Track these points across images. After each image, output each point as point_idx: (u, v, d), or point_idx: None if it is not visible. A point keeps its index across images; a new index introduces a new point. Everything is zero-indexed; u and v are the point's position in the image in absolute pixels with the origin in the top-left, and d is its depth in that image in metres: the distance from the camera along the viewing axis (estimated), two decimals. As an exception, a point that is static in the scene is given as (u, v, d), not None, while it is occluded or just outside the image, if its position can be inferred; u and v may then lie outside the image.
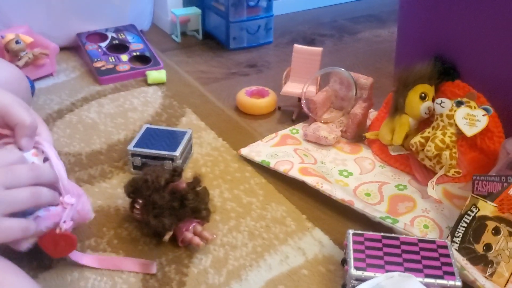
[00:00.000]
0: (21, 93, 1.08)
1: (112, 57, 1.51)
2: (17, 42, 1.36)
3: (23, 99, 1.08)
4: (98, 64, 1.47)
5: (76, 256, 0.83)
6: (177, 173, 0.89)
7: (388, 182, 1.05)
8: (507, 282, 0.80)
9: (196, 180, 0.90)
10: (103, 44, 1.56)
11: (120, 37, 1.60)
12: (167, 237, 0.85)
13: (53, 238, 0.73)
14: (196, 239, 0.85)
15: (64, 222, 0.72)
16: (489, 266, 0.81)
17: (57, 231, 0.73)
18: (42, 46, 1.42)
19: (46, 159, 0.73)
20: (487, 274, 0.81)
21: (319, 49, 1.26)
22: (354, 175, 1.07)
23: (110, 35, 1.60)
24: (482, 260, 0.82)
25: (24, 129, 0.70)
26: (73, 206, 0.73)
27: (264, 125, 1.27)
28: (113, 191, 1.02)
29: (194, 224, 0.88)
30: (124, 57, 1.52)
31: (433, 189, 0.98)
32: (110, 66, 1.47)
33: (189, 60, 1.63)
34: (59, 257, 0.81)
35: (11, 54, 1.37)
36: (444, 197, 1.00)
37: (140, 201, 0.88)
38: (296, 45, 1.28)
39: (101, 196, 1.00)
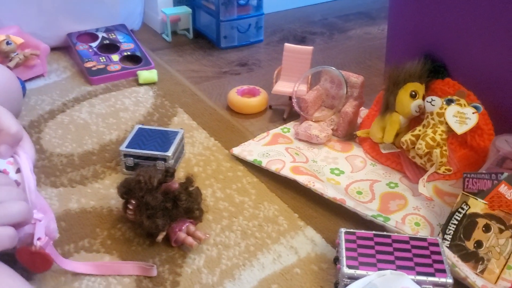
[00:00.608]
0: (13, 94, 1.08)
1: (103, 57, 1.51)
2: (7, 43, 1.35)
3: (14, 100, 1.09)
4: (89, 64, 1.47)
5: (72, 265, 0.82)
6: (169, 173, 0.89)
7: (379, 180, 1.05)
8: (498, 278, 0.81)
9: (189, 180, 0.90)
10: (94, 44, 1.56)
11: (111, 37, 1.60)
12: (160, 237, 0.85)
13: (29, 255, 0.73)
14: (189, 239, 0.86)
15: (39, 239, 0.72)
16: (480, 263, 0.82)
17: (33, 249, 0.72)
18: (32, 47, 1.41)
19: (19, 170, 0.73)
20: (478, 271, 0.82)
21: (310, 48, 1.27)
22: (346, 173, 1.07)
23: (100, 35, 1.60)
24: (473, 257, 0.83)
25: (8, 136, 0.70)
26: (42, 222, 0.72)
27: (255, 124, 1.27)
28: (106, 191, 1.02)
29: (187, 224, 0.88)
30: (115, 57, 1.52)
31: (424, 186, 0.99)
32: (101, 66, 1.47)
33: (180, 59, 1.63)
34: (39, 272, 0.81)
35: (2, 55, 1.37)
36: (435, 194, 1.01)
37: (133, 202, 0.88)
38: (286, 44, 1.29)
39: (94, 196, 1.00)
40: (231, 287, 0.81)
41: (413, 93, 1.05)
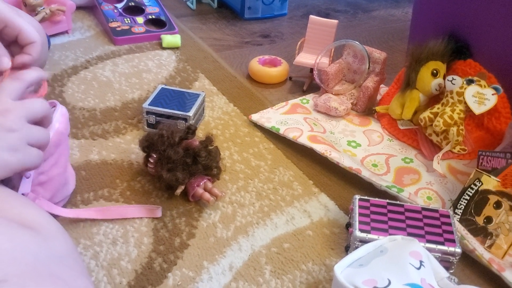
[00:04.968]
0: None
1: (128, 19, 1.52)
2: (35, -3, 1.37)
3: (42, 52, 1.10)
4: (113, 25, 1.49)
5: (73, 213, 0.84)
6: (191, 131, 0.91)
7: (395, 155, 1.07)
8: (505, 254, 0.83)
9: (209, 139, 0.93)
10: (119, 5, 1.57)
11: (136, -1, 1.61)
12: (179, 190, 0.88)
13: None
14: (207, 195, 0.88)
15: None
16: (488, 238, 0.84)
17: None
18: (59, 3, 1.43)
19: None
20: (486, 245, 0.84)
21: (335, 21, 1.27)
22: (362, 146, 1.09)
23: (126, -4, 1.61)
24: (482, 232, 0.85)
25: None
26: (28, 179, 0.70)
27: (275, 94, 1.29)
28: (127, 146, 1.04)
29: (205, 180, 0.90)
30: (140, 20, 1.53)
31: (439, 163, 1.00)
32: (126, 27, 1.49)
33: (203, 27, 1.64)
34: None
35: (29, 8, 1.38)
36: (449, 172, 1.02)
37: (154, 156, 0.90)
38: (312, 16, 1.29)
39: (115, 150, 1.03)
40: (245, 243, 0.84)
41: (435, 71, 1.06)
